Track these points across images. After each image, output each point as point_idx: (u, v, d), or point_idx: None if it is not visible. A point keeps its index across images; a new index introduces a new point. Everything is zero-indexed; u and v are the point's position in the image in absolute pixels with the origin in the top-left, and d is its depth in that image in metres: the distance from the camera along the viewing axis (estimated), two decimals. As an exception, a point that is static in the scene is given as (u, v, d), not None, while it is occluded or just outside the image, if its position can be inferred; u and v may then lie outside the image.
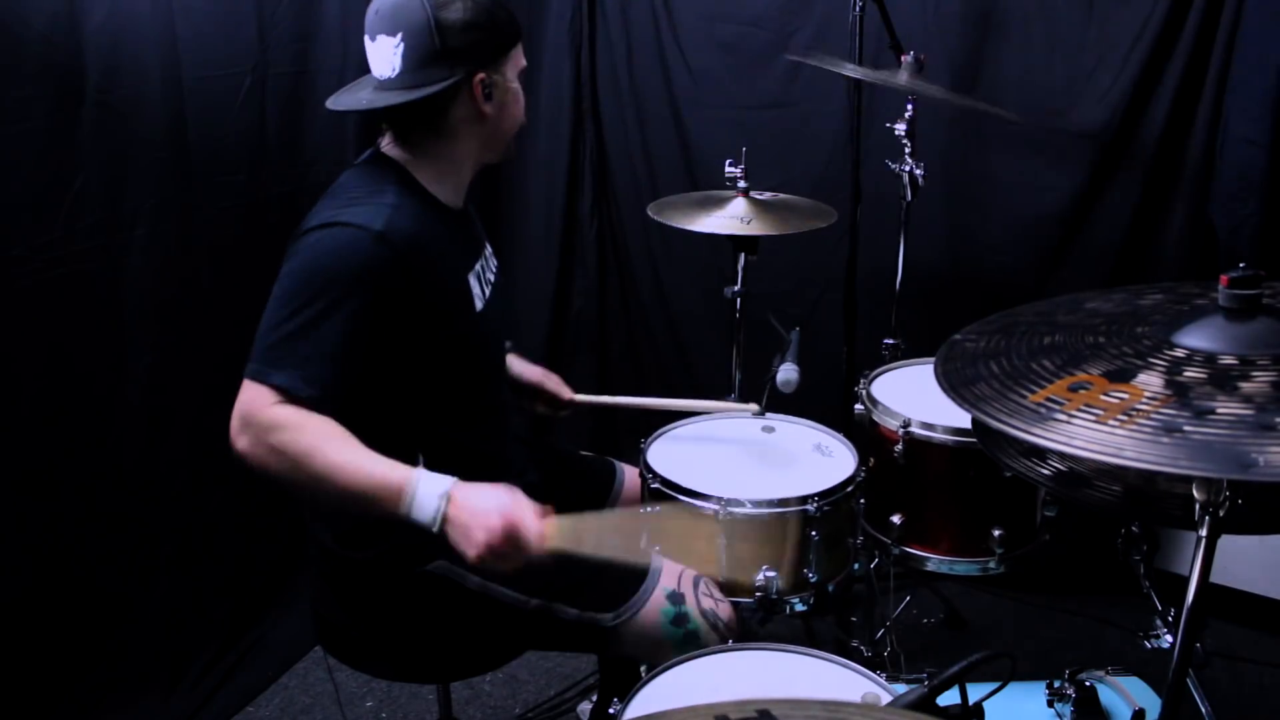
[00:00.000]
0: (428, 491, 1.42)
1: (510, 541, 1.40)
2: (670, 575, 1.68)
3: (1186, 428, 0.95)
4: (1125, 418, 0.98)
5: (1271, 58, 2.26)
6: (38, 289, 2.02)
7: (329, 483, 1.42)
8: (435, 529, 1.42)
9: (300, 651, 2.61)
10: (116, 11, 2.08)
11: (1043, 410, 1.03)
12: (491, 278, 1.77)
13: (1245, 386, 0.99)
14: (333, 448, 1.43)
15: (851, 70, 2.18)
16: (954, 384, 1.14)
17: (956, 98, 2.35)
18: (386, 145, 1.65)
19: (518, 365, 2.01)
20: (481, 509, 1.41)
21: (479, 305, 1.68)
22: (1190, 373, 1.03)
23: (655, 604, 1.64)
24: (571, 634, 1.66)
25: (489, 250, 1.81)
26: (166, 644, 2.38)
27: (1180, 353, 1.08)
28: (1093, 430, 0.98)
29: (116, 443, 2.22)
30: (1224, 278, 1.09)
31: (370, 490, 1.43)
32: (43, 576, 2.11)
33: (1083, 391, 1.04)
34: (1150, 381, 1.03)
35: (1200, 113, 2.41)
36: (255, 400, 1.44)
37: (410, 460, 1.48)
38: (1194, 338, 1.09)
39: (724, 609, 1.67)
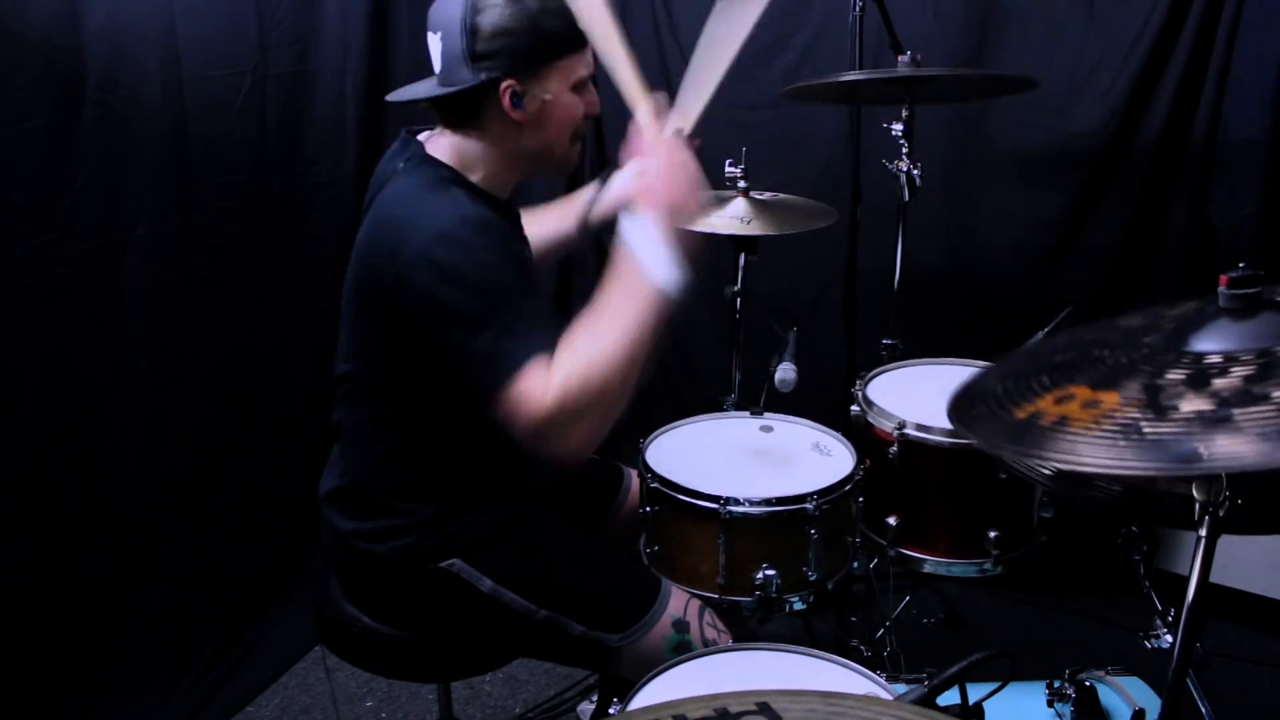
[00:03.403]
0: (642, 245, 1.39)
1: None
2: (678, 602, 1.69)
3: (1145, 428, 0.95)
4: (1094, 425, 0.98)
5: (1271, 58, 2.26)
6: (38, 289, 2.02)
7: (630, 355, 1.36)
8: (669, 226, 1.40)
9: (300, 651, 2.61)
10: (116, 11, 2.08)
11: (1022, 425, 1.04)
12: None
13: (1218, 383, 0.99)
14: (594, 341, 1.37)
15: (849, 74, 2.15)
16: (957, 408, 1.14)
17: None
18: (431, 146, 1.61)
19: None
20: (674, 192, 1.43)
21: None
22: (1172, 375, 1.03)
23: (661, 629, 1.64)
24: (574, 649, 1.67)
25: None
26: (166, 644, 2.39)
27: (1176, 356, 1.07)
28: (1060, 439, 0.98)
29: (116, 442, 2.22)
30: (1224, 278, 1.08)
31: (641, 317, 1.37)
32: (43, 576, 2.11)
33: (1066, 403, 1.04)
34: (1128, 387, 1.03)
35: (1200, 113, 2.41)
36: (532, 400, 1.35)
37: (442, 449, 1.58)
38: (1200, 341, 1.08)
39: (725, 640, 1.68)
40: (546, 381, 1.35)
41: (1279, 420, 0.90)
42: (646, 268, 1.38)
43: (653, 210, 1.41)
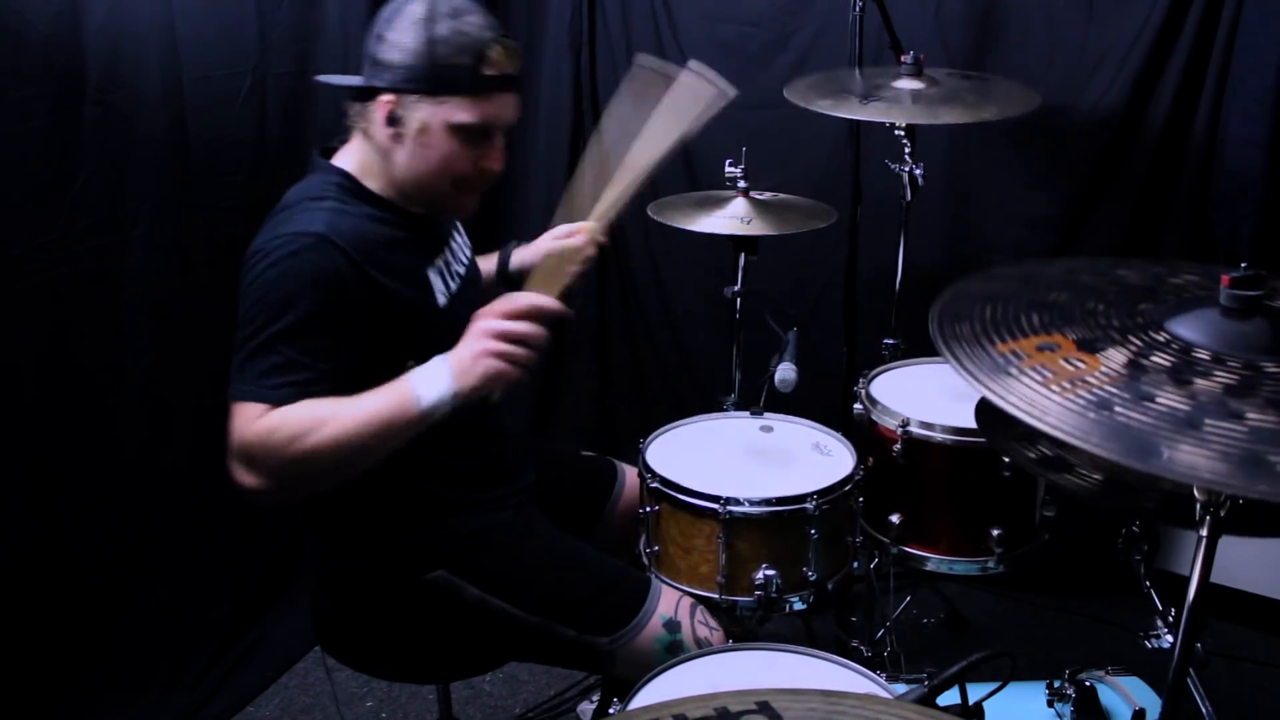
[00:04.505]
0: (428, 378, 1.43)
1: (512, 337, 1.42)
2: (668, 602, 1.69)
3: (1118, 408, 0.93)
4: (1068, 386, 0.96)
5: (1271, 58, 2.25)
6: (38, 289, 2.02)
7: (349, 444, 1.41)
8: (458, 396, 1.42)
9: (300, 651, 2.61)
10: (116, 11, 2.08)
11: (1000, 361, 1.02)
12: (461, 270, 1.72)
13: (1200, 383, 0.97)
14: (328, 412, 1.41)
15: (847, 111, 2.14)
16: (942, 317, 1.13)
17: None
18: (341, 152, 1.61)
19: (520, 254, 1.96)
20: (470, 346, 1.43)
21: (441, 300, 1.63)
22: (1157, 359, 1.01)
23: (651, 630, 1.65)
24: (567, 653, 1.67)
25: (461, 241, 1.77)
26: (166, 644, 2.39)
27: (1162, 337, 1.05)
28: (1031, 390, 0.96)
29: (116, 442, 2.22)
30: (1225, 278, 1.08)
31: (386, 420, 1.42)
32: (42, 576, 2.11)
33: (1047, 352, 1.03)
34: (1113, 357, 1.02)
35: (1200, 113, 2.41)
36: (241, 425, 1.44)
37: (403, 485, 1.58)
38: (1185, 327, 1.07)
39: (717, 638, 1.68)
40: (260, 420, 1.42)
41: (1246, 445, 0.88)
42: (420, 393, 1.42)
43: (459, 372, 1.43)
